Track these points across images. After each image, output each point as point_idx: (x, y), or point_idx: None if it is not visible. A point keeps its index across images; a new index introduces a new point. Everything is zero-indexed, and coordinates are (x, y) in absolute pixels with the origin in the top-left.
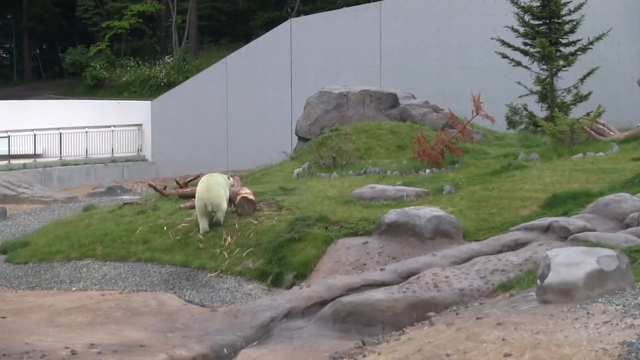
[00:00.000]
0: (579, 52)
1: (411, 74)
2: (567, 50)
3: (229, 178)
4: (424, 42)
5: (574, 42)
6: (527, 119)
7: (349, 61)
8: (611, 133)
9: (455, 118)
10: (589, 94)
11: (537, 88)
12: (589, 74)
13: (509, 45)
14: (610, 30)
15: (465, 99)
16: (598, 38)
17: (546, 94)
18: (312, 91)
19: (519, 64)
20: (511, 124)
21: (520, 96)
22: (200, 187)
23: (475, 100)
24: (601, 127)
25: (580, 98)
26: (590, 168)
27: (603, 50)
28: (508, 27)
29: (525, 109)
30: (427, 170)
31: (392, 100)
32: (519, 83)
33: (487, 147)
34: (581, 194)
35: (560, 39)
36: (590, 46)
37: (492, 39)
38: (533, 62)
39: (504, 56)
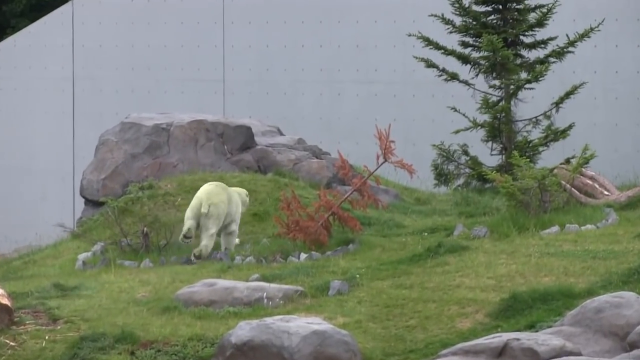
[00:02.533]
0: (552, 59)
1: (276, 93)
2: (532, 55)
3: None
4: (298, 40)
5: (544, 42)
6: (468, 170)
7: (171, 72)
8: (606, 192)
9: (350, 168)
10: (570, 127)
11: (485, 118)
12: (569, 94)
13: (437, 47)
14: (604, 21)
15: (366, 135)
16: (584, 35)
17: (499, 127)
18: (110, 122)
19: (454, 77)
20: (442, 177)
21: (457, 131)
22: (203, 188)
23: (383, 138)
24: (590, 182)
25: (555, 134)
26: (571, 251)
27: (592, 56)
28: (436, 16)
29: (465, 153)
30: (303, 255)
31: (243, 138)
32: (454, 109)
33: (403, 216)
34: (557, 293)
35: (521, 36)
36: (570, 48)
37: (410, 35)
38: (477, 75)
39: (430, 64)
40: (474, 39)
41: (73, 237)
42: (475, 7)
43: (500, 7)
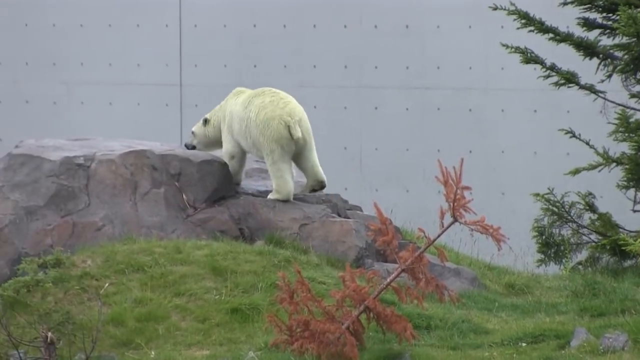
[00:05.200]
0: None
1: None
2: None
3: None
4: (306, 17)
5: None
6: (594, 237)
7: (89, 69)
8: None
9: (395, 232)
10: None
11: (623, 148)
12: None
13: (542, 28)
14: None
15: (421, 176)
16: None
17: None
18: None
19: (570, 80)
20: (550, 249)
21: (576, 171)
22: (271, 104)
23: (450, 183)
24: None
25: None
26: None
27: None
28: None
29: (590, 207)
30: None
31: (215, 182)
32: (570, 134)
33: (486, 313)
34: None
35: None
36: None
37: (495, 9)
38: (610, 76)
39: (530, 58)
40: (603, 15)
41: None
42: None
43: None
